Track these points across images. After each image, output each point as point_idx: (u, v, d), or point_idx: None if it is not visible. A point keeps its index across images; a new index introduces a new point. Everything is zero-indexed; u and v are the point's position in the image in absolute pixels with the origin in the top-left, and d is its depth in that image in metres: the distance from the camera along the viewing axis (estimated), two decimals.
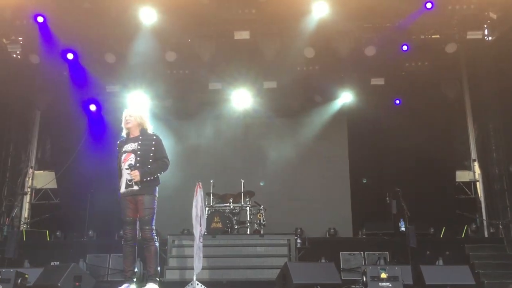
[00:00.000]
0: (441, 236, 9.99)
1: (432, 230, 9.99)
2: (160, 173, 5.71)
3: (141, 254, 5.94)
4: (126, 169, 5.61)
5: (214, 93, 11.56)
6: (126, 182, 5.60)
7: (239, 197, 9.89)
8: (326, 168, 11.81)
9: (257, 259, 8.11)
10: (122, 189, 5.64)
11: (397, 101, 11.49)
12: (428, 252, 8.91)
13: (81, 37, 10.11)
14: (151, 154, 5.68)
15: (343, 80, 11.35)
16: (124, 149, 5.74)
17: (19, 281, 5.89)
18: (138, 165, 5.56)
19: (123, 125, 5.85)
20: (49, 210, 11.45)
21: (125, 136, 5.81)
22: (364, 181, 11.55)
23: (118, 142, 5.92)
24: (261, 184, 10.36)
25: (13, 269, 6.08)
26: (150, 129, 5.92)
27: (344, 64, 10.73)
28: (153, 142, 5.74)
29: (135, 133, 5.80)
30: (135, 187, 5.55)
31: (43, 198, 11.79)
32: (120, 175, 5.71)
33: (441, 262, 8.55)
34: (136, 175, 5.51)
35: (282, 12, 9.50)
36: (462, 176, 11.31)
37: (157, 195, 5.70)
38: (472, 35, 9.96)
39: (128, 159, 5.65)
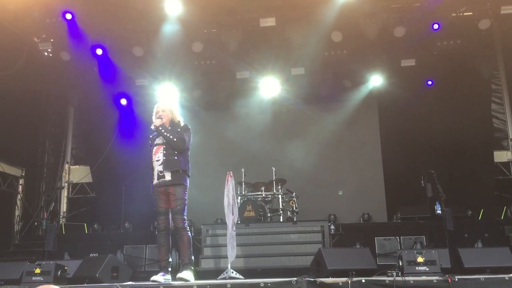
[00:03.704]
0: (480, 218, 9.74)
1: (470, 212, 9.74)
2: (174, 142, 5.73)
3: (175, 244, 6.02)
4: (157, 161, 5.76)
5: (242, 81, 11.54)
6: (158, 173, 5.73)
7: (271, 185, 9.87)
8: (358, 153, 11.67)
9: (291, 246, 8.10)
10: (155, 181, 5.78)
11: (429, 82, 11.20)
12: (466, 235, 8.72)
13: (109, 32, 10.25)
14: None
15: (372, 63, 11.13)
16: (155, 142, 5.89)
17: (59, 273, 6.04)
18: (164, 158, 5.70)
19: (154, 118, 5.94)
20: (86, 203, 11.75)
21: (153, 128, 5.88)
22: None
23: (150, 136, 6.03)
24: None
25: (53, 262, 6.24)
26: (181, 121, 6.02)
27: (373, 47, 10.51)
28: (178, 129, 5.84)
29: (166, 126, 5.90)
30: (167, 178, 5.65)
31: (79, 192, 12.08)
32: (152, 168, 5.83)
33: (480, 244, 8.35)
34: (156, 121, 5.81)
35: None
36: (500, 156, 10.98)
37: (188, 185, 5.78)
38: (506, 9, 9.62)
39: (158, 152, 5.79)
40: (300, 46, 10.08)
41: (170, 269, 5.75)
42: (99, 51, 10.29)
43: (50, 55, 10.92)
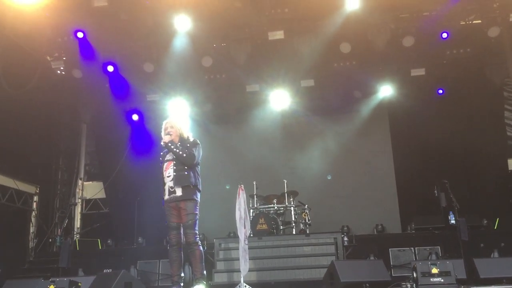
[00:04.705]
0: (495, 227, 9.61)
1: (485, 221, 9.60)
2: (183, 158, 5.75)
3: (188, 259, 6.02)
4: (168, 176, 5.79)
5: (252, 95, 11.57)
6: (169, 189, 5.76)
7: (282, 197, 9.86)
8: (370, 164, 11.60)
9: (304, 259, 8.06)
10: (166, 196, 5.81)
11: (440, 91, 11.11)
12: (482, 245, 8.58)
13: (120, 49, 10.40)
14: None
15: (382, 73, 11.11)
16: (166, 158, 5.93)
17: None
18: (175, 173, 5.73)
19: (163, 134, 5.97)
20: (99, 219, 11.81)
21: (163, 145, 5.91)
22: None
23: (161, 153, 6.07)
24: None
25: (67, 278, 6.27)
26: (190, 136, 6.05)
27: (382, 57, 10.49)
28: (188, 144, 5.86)
29: (176, 142, 5.94)
30: (178, 193, 5.67)
31: (93, 208, 12.17)
32: (164, 183, 5.87)
33: (496, 254, 8.21)
34: (166, 137, 5.83)
35: (315, 9, 9.41)
36: None
37: (198, 200, 5.80)
38: None
39: (169, 167, 5.83)
40: (309, 58, 10.10)
41: (182, 284, 5.76)
42: (110, 68, 10.44)
43: (63, 73, 11.07)
